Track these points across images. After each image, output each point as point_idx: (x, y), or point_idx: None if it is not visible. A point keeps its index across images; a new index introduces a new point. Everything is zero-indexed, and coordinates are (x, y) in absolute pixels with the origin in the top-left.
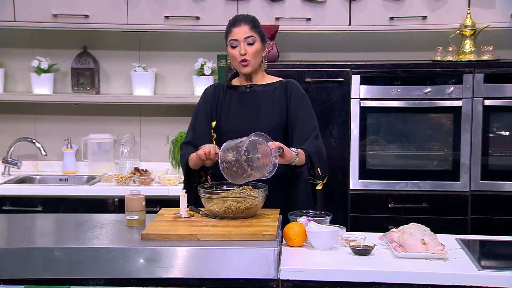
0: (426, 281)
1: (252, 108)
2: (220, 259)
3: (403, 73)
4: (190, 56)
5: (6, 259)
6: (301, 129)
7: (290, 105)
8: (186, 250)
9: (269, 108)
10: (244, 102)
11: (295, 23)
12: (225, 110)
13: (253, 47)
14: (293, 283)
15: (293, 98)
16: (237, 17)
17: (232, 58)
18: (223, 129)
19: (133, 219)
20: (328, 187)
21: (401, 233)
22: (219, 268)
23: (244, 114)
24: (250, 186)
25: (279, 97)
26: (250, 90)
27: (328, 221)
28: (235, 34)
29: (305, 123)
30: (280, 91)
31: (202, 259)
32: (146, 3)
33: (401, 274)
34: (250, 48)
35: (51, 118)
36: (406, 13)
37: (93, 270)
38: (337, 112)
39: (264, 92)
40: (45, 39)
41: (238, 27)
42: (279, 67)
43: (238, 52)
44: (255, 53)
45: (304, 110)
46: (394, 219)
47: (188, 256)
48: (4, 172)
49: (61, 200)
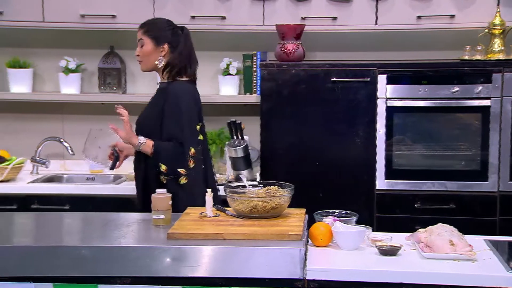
0: (454, 282)
1: (150, 102)
2: (246, 258)
3: (430, 72)
4: (216, 56)
5: (34, 257)
6: (166, 130)
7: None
8: (212, 249)
9: (151, 103)
10: (153, 96)
11: (321, 22)
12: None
13: (143, 49)
14: (319, 283)
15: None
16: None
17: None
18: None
19: (159, 218)
20: (353, 187)
21: (428, 233)
22: (245, 267)
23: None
24: (276, 186)
25: (161, 96)
26: (158, 86)
27: (354, 221)
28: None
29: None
30: (164, 91)
31: (228, 259)
32: (173, 3)
33: (428, 275)
34: (141, 49)
35: (78, 118)
36: (434, 12)
37: (120, 268)
38: (363, 112)
39: (159, 90)
40: (73, 39)
41: (137, 31)
42: (304, 66)
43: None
44: (143, 53)
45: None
46: (421, 220)
47: (213, 255)
48: (33, 171)
49: (88, 199)
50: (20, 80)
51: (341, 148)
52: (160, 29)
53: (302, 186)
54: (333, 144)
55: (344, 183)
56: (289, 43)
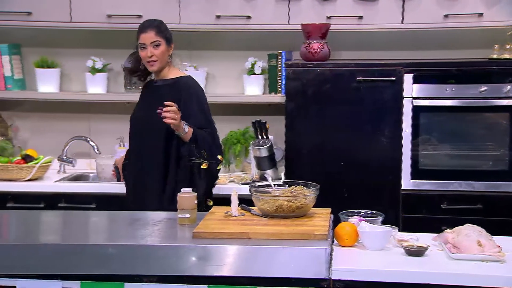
0: (482, 283)
1: (155, 99)
2: (271, 258)
3: (458, 71)
4: (241, 55)
5: (62, 255)
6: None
7: (181, 99)
8: (237, 248)
9: (164, 100)
10: (151, 94)
11: (347, 21)
12: (138, 102)
13: (159, 49)
14: (345, 283)
15: (184, 94)
16: (144, 24)
17: (142, 58)
18: (132, 118)
19: (185, 217)
20: (378, 187)
21: (456, 234)
22: (270, 267)
23: (148, 105)
24: (301, 185)
25: (174, 91)
26: (156, 84)
27: (380, 221)
28: (142, 39)
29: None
30: (179, 86)
31: (253, 258)
32: (198, 3)
33: (456, 276)
34: (156, 50)
35: (104, 117)
36: (461, 10)
37: (146, 267)
38: (389, 112)
39: (165, 86)
40: (100, 39)
41: (145, 33)
42: (329, 66)
43: (146, 54)
44: (160, 54)
45: (191, 105)
46: (447, 220)
47: (239, 255)
48: (60, 170)
49: (114, 198)
50: (47, 79)
51: (366, 147)
52: (167, 29)
53: (326, 185)
54: (358, 144)
55: (369, 183)
56: (315, 43)
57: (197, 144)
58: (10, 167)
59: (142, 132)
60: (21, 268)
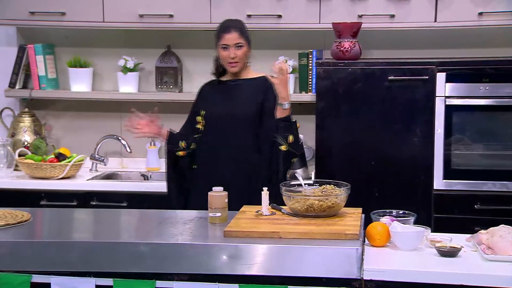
0: None
1: (235, 98)
2: (302, 257)
3: (492, 70)
4: (271, 54)
5: (94, 253)
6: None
7: (265, 98)
8: (268, 247)
9: (246, 98)
10: (229, 93)
11: (379, 20)
12: (213, 100)
13: (241, 50)
14: (376, 284)
15: (270, 92)
16: (227, 24)
17: (223, 58)
18: (209, 116)
19: (216, 216)
20: (410, 187)
21: (490, 235)
22: (301, 266)
23: (228, 103)
24: (332, 184)
25: (257, 90)
26: (235, 83)
27: (412, 221)
28: (226, 40)
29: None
30: (259, 85)
31: (284, 257)
32: (229, 2)
33: (490, 277)
34: (239, 51)
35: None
36: (496, 8)
37: (177, 265)
38: (421, 111)
39: (245, 85)
40: (131, 38)
41: (228, 33)
42: (361, 65)
43: (228, 55)
44: (242, 55)
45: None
46: (481, 221)
47: (269, 254)
48: (92, 168)
49: (145, 196)
50: (80, 79)
51: (398, 147)
52: (247, 31)
53: (357, 185)
54: (389, 143)
55: (401, 183)
56: (346, 41)
57: (288, 123)
58: (43, 165)
59: (226, 129)
60: (54, 266)
